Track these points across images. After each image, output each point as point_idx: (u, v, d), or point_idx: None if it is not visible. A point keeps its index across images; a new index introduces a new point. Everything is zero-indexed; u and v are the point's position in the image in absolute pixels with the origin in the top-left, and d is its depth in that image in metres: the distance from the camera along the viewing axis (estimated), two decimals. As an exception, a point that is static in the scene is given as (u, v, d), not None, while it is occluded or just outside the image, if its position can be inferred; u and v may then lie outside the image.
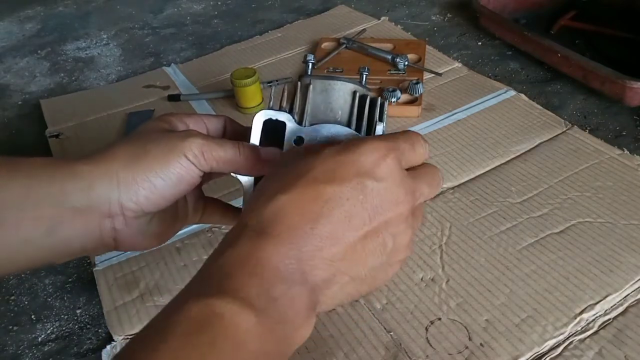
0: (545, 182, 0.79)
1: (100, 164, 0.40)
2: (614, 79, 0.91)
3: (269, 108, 0.44)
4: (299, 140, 0.43)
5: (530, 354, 0.58)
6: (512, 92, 0.98)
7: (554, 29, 1.18)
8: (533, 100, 0.96)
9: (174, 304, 0.32)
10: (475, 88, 1.00)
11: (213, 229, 0.76)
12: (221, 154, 0.41)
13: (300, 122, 0.43)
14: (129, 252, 0.73)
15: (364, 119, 0.44)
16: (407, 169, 0.39)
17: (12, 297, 0.72)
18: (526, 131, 0.89)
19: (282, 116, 0.43)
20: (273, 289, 0.31)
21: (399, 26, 1.24)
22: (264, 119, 0.44)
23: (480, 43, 1.19)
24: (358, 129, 0.43)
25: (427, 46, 1.12)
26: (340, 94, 0.44)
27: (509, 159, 0.84)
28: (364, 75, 0.49)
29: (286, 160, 0.38)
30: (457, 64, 1.08)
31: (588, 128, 0.91)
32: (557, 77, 1.04)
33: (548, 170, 0.81)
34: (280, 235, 0.33)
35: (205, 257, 0.72)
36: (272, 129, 0.44)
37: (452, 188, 0.80)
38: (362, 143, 0.36)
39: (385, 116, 0.45)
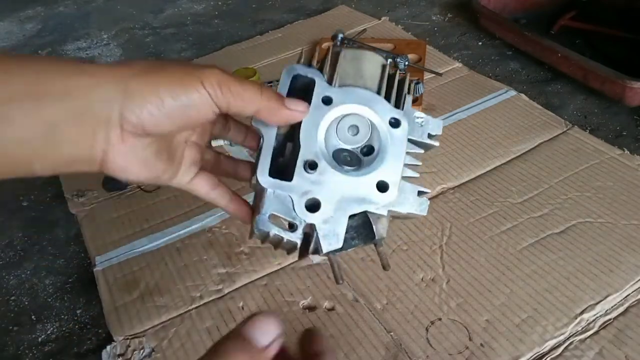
0: (546, 182, 0.79)
1: (112, 67, 0.37)
2: (614, 79, 0.91)
3: (299, 64, 0.42)
4: (327, 99, 0.40)
5: (530, 354, 0.58)
6: (513, 92, 0.98)
7: (554, 29, 1.18)
8: (533, 101, 0.96)
9: None
10: (476, 88, 1.00)
11: (213, 229, 0.76)
12: (240, 90, 0.38)
13: (329, 82, 0.41)
14: (129, 253, 0.73)
15: (393, 90, 0.42)
16: None
17: (12, 297, 0.72)
18: (526, 131, 0.89)
19: (313, 72, 0.41)
20: None
21: (399, 26, 1.24)
22: (293, 74, 0.41)
23: (480, 43, 1.19)
24: (388, 97, 0.42)
25: (427, 46, 1.12)
26: (372, 62, 0.43)
27: (509, 159, 0.84)
28: (402, 63, 0.47)
29: None
30: (458, 64, 1.08)
31: (588, 128, 0.91)
32: (557, 77, 1.04)
33: (548, 170, 0.81)
34: None
35: (205, 257, 0.72)
36: (300, 88, 0.41)
37: (453, 188, 0.80)
38: None
39: (412, 90, 0.43)
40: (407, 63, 1.02)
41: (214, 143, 0.85)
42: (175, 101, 0.37)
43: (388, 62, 0.44)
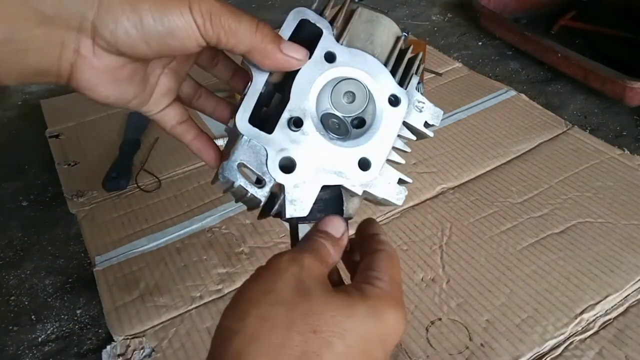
0: (546, 182, 0.79)
1: None
2: (614, 79, 0.91)
3: (310, 9, 0.38)
4: (330, 56, 0.37)
5: (530, 354, 0.58)
6: (513, 92, 0.98)
7: (554, 29, 1.18)
8: (533, 101, 0.96)
9: None
10: (476, 88, 1.00)
11: (213, 229, 0.76)
12: (233, 25, 0.33)
13: (337, 39, 0.37)
14: (129, 253, 0.73)
15: (401, 66, 0.39)
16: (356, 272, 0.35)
17: (12, 298, 0.72)
18: (526, 131, 0.89)
19: (322, 23, 0.37)
20: None
21: (399, 26, 1.24)
22: (300, 17, 0.37)
23: (480, 43, 1.19)
24: (394, 71, 0.39)
25: (427, 46, 1.12)
26: (386, 30, 0.39)
27: (509, 159, 0.84)
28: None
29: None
30: (458, 64, 1.08)
31: (588, 128, 0.91)
32: (557, 77, 1.04)
33: (548, 170, 0.81)
34: None
35: (205, 257, 0.72)
36: (304, 37, 0.37)
37: (453, 188, 0.80)
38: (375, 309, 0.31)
39: (421, 70, 0.40)
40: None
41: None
42: (155, 23, 0.32)
43: (403, 36, 0.40)
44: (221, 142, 0.89)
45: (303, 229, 0.38)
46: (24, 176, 0.93)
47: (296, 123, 0.36)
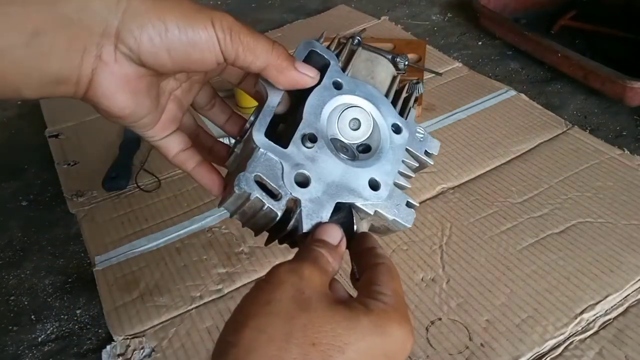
0: (546, 182, 0.79)
1: None
2: (614, 79, 0.91)
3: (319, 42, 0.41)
4: (338, 84, 0.39)
5: (530, 354, 0.58)
6: (513, 92, 0.98)
7: (554, 29, 1.18)
8: (533, 100, 0.96)
9: None
10: (476, 88, 1.00)
11: (213, 229, 0.76)
12: (251, 42, 0.34)
13: (343, 70, 0.40)
14: (128, 253, 0.73)
15: (400, 99, 0.43)
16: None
17: (12, 297, 0.72)
18: (526, 131, 0.89)
19: (329, 55, 0.40)
20: None
21: (399, 26, 1.24)
22: (310, 48, 0.40)
23: (480, 43, 1.19)
24: (394, 103, 0.42)
25: (427, 46, 1.12)
26: (384, 68, 0.43)
27: (509, 159, 0.84)
28: (402, 63, 0.47)
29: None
30: (458, 64, 1.08)
31: (588, 128, 0.91)
32: (557, 77, 1.04)
33: (548, 170, 0.81)
34: None
35: (205, 257, 0.72)
36: (313, 65, 0.39)
37: (453, 188, 0.80)
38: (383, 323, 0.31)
39: (416, 105, 0.44)
40: (407, 63, 1.02)
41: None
42: (180, 33, 0.33)
43: (399, 76, 0.44)
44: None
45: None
46: (23, 176, 0.93)
47: (311, 139, 0.37)
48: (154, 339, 0.63)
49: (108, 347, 0.63)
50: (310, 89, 0.38)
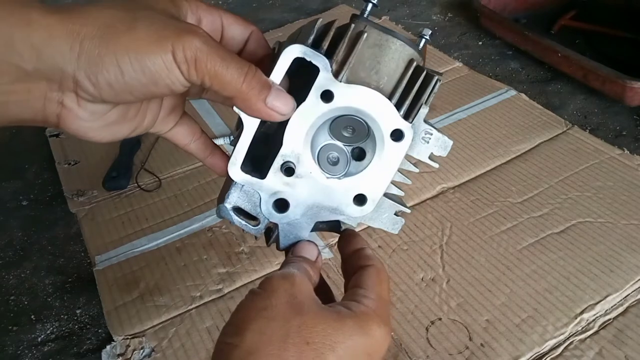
0: (546, 182, 0.79)
1: (65, 20, 0.30)
2: (614, 79, 0.91)
3: (306, 44, 0.34)
4: (327, 95, 0.34)
5: (530, 354, 0.58)
6: (513, 92, 0.98)
7: (554, 29, 1.18)
8: (533, 100, 0.96)
9: None
10: (476, 88, 1.00)
11: (213, 228, 0.76)
12: (219, 71, 0.32)
13: (336, 74, 0.34)
14: (128, 252, 0.73)
15: (410, 95, 0.36)
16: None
17: (12, 297, 0.72)
18: (526, 131, 0.89)
19: (319, 60, 0.34)
20: None
21: (399, 26, 1.24)
22: (295, 56, 0.34)
23: (480, 43, 1.19)
24: (399, 104, 0.36)
25: (427, 46, 1.11)
26: (395, 56, 0.36)
27: (509, 158, 0.84)
28: (424, 40, 0.39)
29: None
30: (458, 64, 1.08)
31: (588, 128, 0.91)
32: (557, 77, 1.04)
33: (548, 170, 0.81)
34: None
35: (205, 257, 0.72)
36: (302, 70, 0.35)
37: (453, 188, 0.80)
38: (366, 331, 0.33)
39: (432, 98, 0.37)
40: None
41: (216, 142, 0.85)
42: (137, 73, 0.31)
43: (416, 57, 0.37)
44: (221, 142, 0.89)
45: None
46: (24, 175, 0.93)
47: (288, 171, 0.36)
48: (154, 339, 0.63)
49: (108, 347, 0.63)
50: (298, 102, 0.35)
